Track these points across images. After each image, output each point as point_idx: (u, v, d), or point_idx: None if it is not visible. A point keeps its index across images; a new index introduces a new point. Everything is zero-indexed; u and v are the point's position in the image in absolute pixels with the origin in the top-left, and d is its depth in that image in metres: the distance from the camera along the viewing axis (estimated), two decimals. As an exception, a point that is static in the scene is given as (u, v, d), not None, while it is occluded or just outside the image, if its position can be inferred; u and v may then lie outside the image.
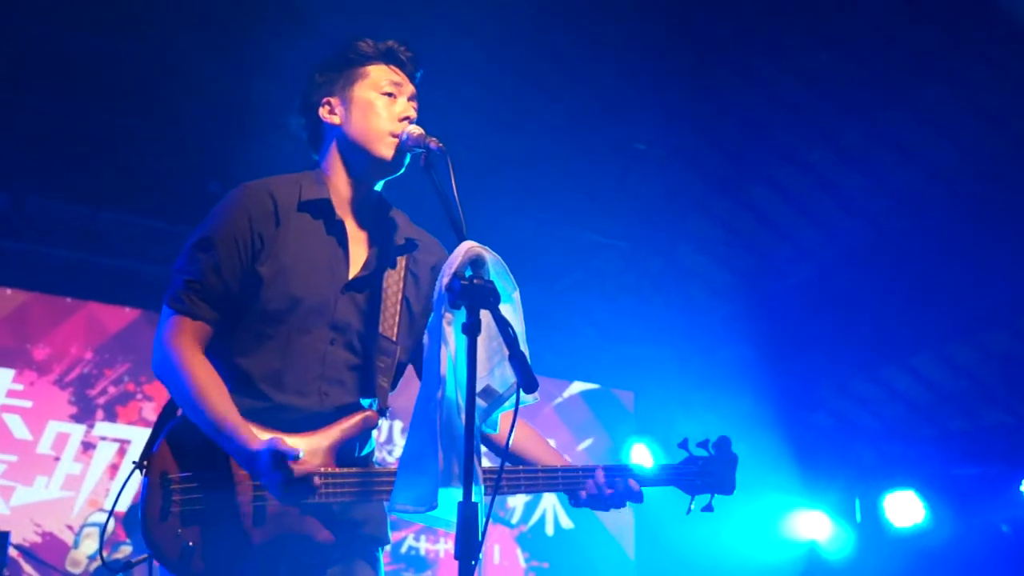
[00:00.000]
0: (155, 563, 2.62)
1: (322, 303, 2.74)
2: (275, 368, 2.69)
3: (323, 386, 2.70)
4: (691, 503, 3.06)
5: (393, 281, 2.84)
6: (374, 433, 2.81)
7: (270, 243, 2.74)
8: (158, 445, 2.65)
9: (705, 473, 3.07)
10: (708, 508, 3.07)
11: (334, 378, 2.72)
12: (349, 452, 2.72)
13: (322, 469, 2.59)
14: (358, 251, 2.84)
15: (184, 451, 2.62)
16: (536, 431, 3.00)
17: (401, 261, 2.88)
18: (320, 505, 2.59)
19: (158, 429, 2.70)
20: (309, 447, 2.59)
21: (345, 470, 2.63)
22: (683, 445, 3.09)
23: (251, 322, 2.72)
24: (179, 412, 2.70)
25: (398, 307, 2.82)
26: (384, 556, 2.83)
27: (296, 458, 2.48)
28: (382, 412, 2.77)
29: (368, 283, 2.81)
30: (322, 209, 2.82)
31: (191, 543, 2.53)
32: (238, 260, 2.71)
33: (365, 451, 2.81)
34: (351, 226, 2.85)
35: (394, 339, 2.78)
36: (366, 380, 2.74)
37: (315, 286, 2.74)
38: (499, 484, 2.44)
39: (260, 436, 2.56)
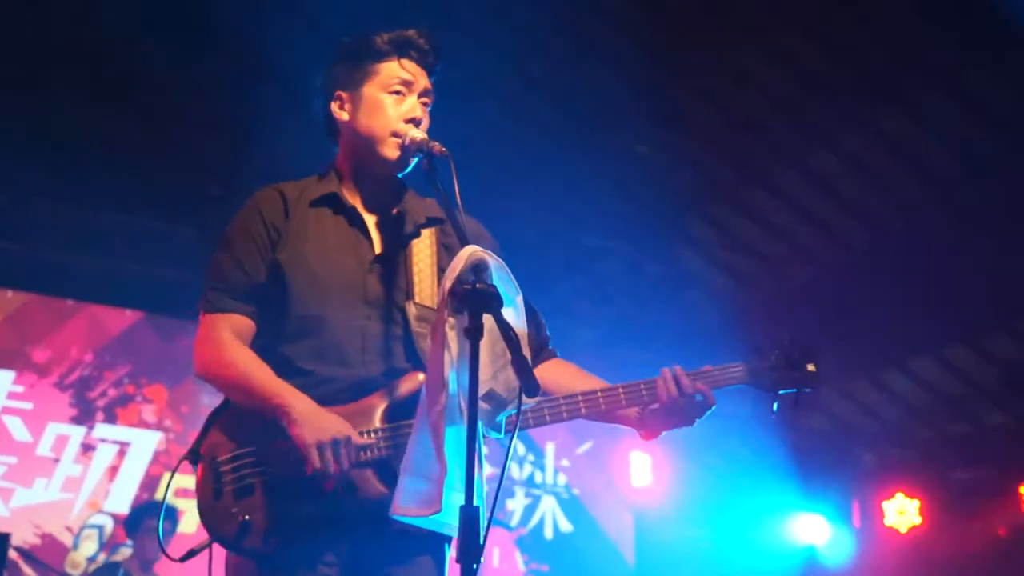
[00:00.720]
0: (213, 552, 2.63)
1: (351, 282, 2.76)
2: (317, 349, 2.70)
3: (366, 358, 2.71)
4: (775, 401, 2.91)
5: (425, 255, 2.86)
6: None
7: (285, 233, 2.79)
8: (206, 436, 2.68)
9: (785, 367, 2.91)
10: (796, 404, 2.90)
11: (376, 350, 2.72)
12: (402, 416, 2.65)
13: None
14: (376, 231, 2.87)
15: (231, 436, 2.64)
16: (578, 367, 2.96)
17: (428, 234, 2.89)
18: (375, 469, 2.57)
19: (206, 426, 2.71)
20: (359, 411, 2.61)
21: (385, 425, 2.63)
22: (757, 347, 2.95)
23: (286, 310, 2.74)
24: (226, 408, 2.71)
25: (434, 278, 2.82)
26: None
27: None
28: None
29: (395, 257, 2.83)
30: (332, 201, 2.86)
31: (247, 517, 2.54)
32: (257, 252, 2.76)
33: None
34: (367, 211, 2.88)
35: (434, 308, 2.75)
36: (410, 348, 2.74)
37: (340, 267, 2.77)
38: (518, 423, 2.39)
39: None
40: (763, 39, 7.31)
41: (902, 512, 10.07)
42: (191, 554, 2.64)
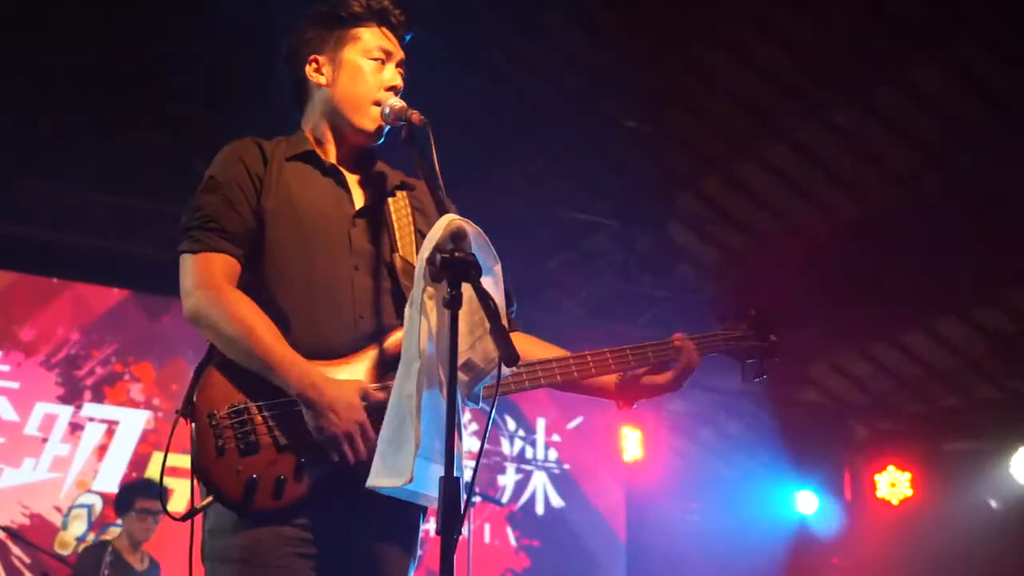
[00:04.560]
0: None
1: (337, 233, 2.73)
2: (306, 299, 2.66)
3: (357, 309, 2.67)
4: (742, 369, 3.06)
5: (402, 214, 2.84)
6: None
7: (267, 181, 2.74)
8: (199, 388, 2.57)
9: (749, 338, 3.05)
10: (762, 373, 3.06)
11: (366, 301, 2.68)
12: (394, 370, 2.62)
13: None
14: (356, 188, 2.85)
15: (227, 388, 2.56)
16: (542, 340, 2.96)
17: (401, 195, 2.88)
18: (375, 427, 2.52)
19: (197, 375, 2.62)
20: (351, 368, 2.59)
21: (381, 383, 2.59)
22: (722, 316, 3.08)
23: (272, 259, 2.69)
24: (215, 358, 2.64)
25: (412, 236, 2.81)
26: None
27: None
28: None
29: (375, 212, 2.81)
30: (310, 158, 2.83)
31: (255, 475, 2.47)
32: (243, 196, 2.70)
33: None
34: (343, 170, 2.86)
35: (414, 264, 2.71)
36: (399, 301, 2.69)
37: (325, 218, 2.74)
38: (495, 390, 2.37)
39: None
40: (753, 13, 7.28)
41: (894, 484, 10.09)
42: (193, 513, 2.57)
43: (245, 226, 2.68)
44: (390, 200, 2.84)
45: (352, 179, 2.85)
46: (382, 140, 2.84)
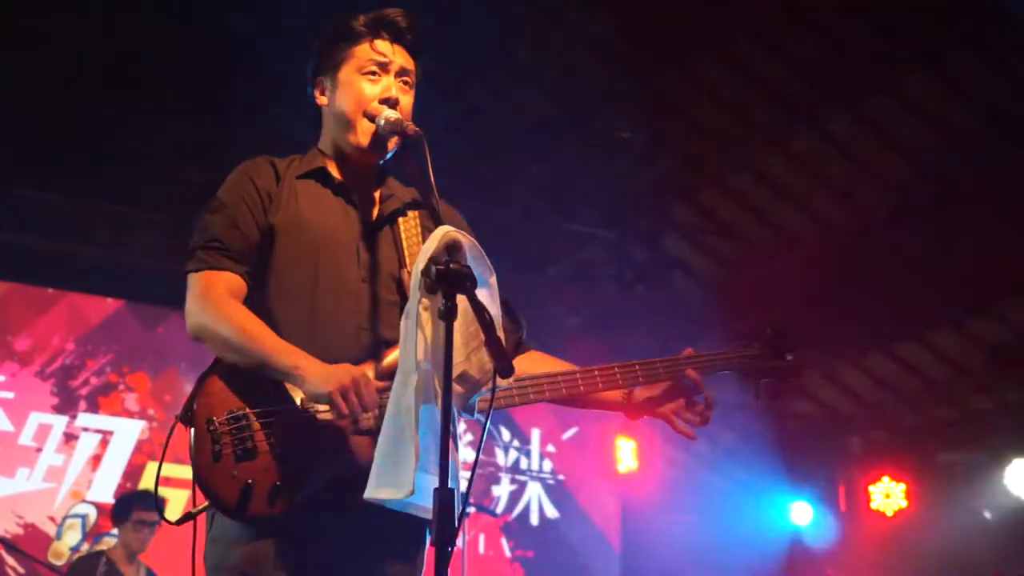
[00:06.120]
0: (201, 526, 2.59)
1: (345, 248, 2.75)
2: (310, 312, 2.68)
3: (361, 322, 2.69)
4: (756, 389, 3.03)
5: (412, 233, 2.86)
6: None
7: (277, 197, 2.78)
8: (199, 395, 2.59)
9: (765, 357, 3.02)
10: (775, 394, 3.03)
11: (370, 315, 2.70)
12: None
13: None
14: (366, 205, 2.87)
15: (227, 396, 2.58)
16: (554, 357, 2.95)
17: (413, 214, 2.90)
18: (372, 438, 2.51)
19: (199, 382, 2.64)
20: None
21: (381, 383, 2.59)
22: (737, 334, 3.08)
23: (279, 274, 2.72)
24: (216, 366, 2.65)
25: None
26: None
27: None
28: None
29: (385, 229, 2.83)
30: (321, 175, 2.86)
31: (250, 481, 2.48)
32: (250, 214, 2.74)
33: None
34: (353, 187, 2.88)
35: None
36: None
37: (333, 234, 2.76)
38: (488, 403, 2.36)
39: None
40: (749, 23, 7.30)
41: (888, 495, 10.10)
42: (188, 517, 2.59)
43: (248, 243, 2.71)
44: (400, 219, 2.86)
45: (362, 196, 2.86)
46: (390, 154, 2.85)
